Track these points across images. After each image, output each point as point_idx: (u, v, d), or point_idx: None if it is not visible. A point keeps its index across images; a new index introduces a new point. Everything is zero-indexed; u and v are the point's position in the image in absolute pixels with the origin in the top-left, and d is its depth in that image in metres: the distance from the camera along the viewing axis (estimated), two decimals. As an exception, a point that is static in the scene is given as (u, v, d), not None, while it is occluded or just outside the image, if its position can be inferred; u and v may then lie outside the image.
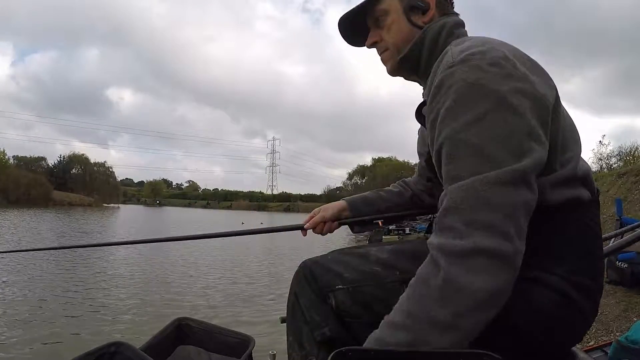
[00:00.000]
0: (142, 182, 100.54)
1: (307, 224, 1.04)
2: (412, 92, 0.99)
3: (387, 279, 0.75)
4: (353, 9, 0.83)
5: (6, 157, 45.88)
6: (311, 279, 0.79)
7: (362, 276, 0.76)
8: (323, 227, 1.04)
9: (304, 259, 0.84)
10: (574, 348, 0.74)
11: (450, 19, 0.77)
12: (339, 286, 0.77)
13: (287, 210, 68.01)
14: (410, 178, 1.13)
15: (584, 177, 0.69)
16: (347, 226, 1.07)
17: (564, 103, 0.69)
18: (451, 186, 0.60)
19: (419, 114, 0.78)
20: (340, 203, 1.06)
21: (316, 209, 1.07)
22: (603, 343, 1.92)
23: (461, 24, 0.78)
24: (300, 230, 1.06)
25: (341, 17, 0.85)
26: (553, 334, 0.66)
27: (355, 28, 0.85)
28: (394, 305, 0.71)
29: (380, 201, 1.07)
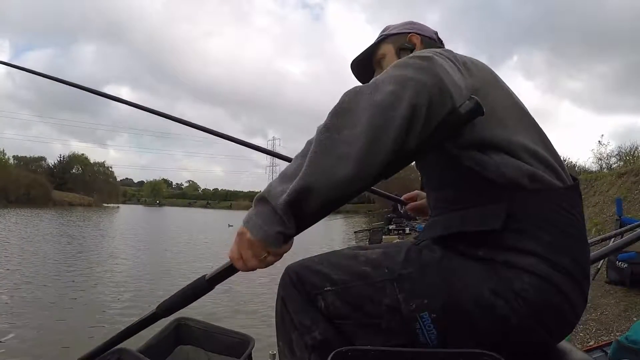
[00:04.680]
0: (142, 181, 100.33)
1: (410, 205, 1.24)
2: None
3: (377, 278, 0.73)
4: (361, 54, 1.02)
5: (6, 156, 45.84)
6: (297, 282, 0.78)
7: (350, 276, 0.74)
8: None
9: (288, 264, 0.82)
10: (570, 345, 0.74)
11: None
12: (328, 287, 0.75)
13: (287, 210, 67.51)
14: None
15: (549, 164, 0.71)
16: (346, 229, 1.06)
17: (567, 102, 0.69)
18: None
19: None
20: None
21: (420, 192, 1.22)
22: (603, 343, 1.93)
23: None
24: None
25: (353, 61, 1.04)
26: (538, 321, 0.65)
27: (365, 70, 1.04)
28: (384, 304, 0.71)
29: None
